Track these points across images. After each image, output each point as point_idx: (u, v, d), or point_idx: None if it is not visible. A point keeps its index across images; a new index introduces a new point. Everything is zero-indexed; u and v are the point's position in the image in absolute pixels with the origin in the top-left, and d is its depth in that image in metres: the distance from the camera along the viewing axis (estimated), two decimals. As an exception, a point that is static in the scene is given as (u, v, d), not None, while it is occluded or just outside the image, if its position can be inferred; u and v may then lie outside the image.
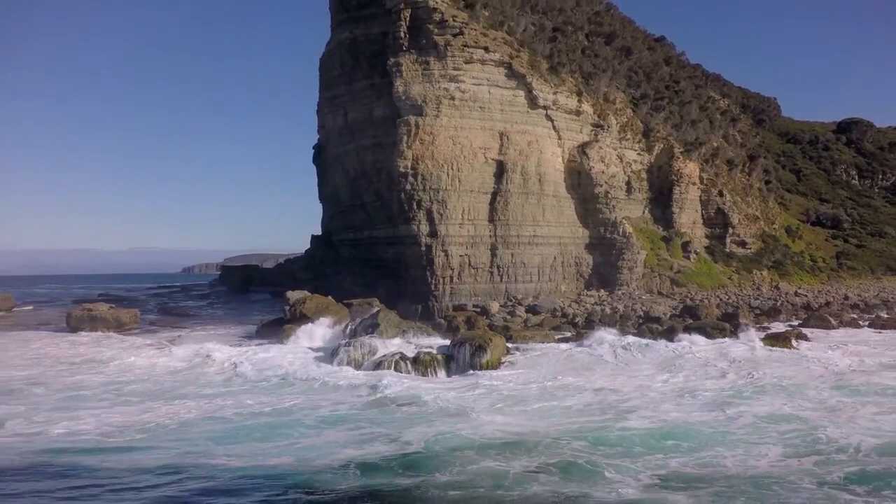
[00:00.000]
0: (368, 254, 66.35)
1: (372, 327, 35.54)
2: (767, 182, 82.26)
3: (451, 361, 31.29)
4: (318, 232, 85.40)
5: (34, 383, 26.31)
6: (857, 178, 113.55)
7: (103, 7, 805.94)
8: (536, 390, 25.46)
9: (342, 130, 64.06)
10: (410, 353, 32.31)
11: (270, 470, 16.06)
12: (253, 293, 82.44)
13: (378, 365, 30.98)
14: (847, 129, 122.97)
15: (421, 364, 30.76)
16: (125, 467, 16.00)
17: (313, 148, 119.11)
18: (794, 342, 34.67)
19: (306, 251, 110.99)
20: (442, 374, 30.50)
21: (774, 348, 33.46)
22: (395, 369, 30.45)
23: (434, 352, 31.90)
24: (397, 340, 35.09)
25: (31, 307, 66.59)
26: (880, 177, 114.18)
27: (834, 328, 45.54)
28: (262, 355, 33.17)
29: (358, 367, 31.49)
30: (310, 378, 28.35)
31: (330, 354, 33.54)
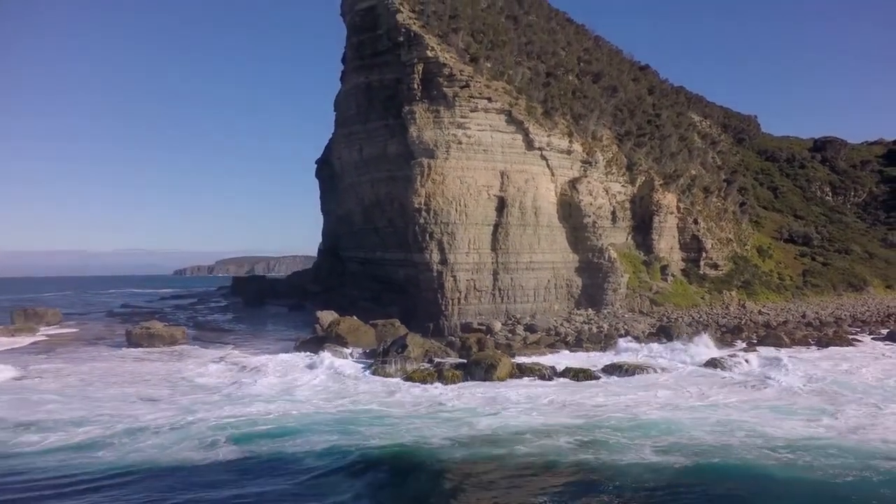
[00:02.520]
0: (378, 271, 75.41)
1: (401, 347, 44.37)
2: (742, 204, 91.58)
3: (468, 377, 40.19)
4: (310, 234, 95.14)
5: (156, 399, 34.60)
6: (830, 194, 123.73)
7: (110, 7, 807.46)
8: (552, 395, 34.48)
9: (357, 163, 72.86)
10: (434, 370, 41.25)
11: (403, 446, 25.16)
12: (268, 305, 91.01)
13: (410, 378, 39.82)
14: (822, 147, 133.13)
15: (445, 378, 39.63)
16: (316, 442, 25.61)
17: (315, 163, 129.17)
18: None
19: (314, 264, 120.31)
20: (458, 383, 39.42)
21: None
22: (424, 381, 39.29)
23: (456, 369, 40.78)
24: (423, 359, 44.07)
25: (73, 321, 74.41)
26: (852, 193, 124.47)
27: (786, 346, 54.69)
28: (320, 370, 41.80)
29: (390, 379, 40.28)
30: (363, 389, 37.05)
31: (369, 369, 42.42)
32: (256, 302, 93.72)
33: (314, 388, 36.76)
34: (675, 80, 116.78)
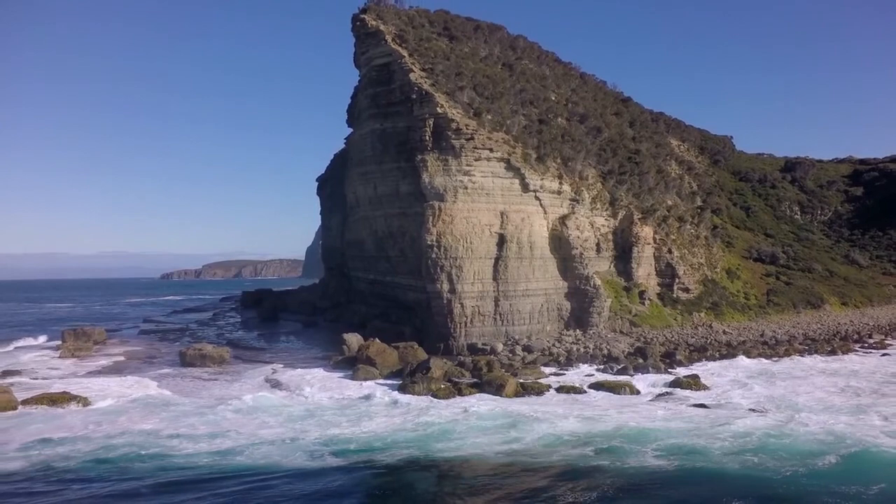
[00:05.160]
0: (387, 292, 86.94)
1: (426, 369, 55.70)
2: (714, 228, 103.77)
3: (482, 394, 51.57)
4: (296, 237, 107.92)
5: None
6: (799, 213, 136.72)
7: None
8: (553, 408, 45.90)
9: (371, 199, 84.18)
10: (454, 388, 52.59)
11: (471, 457, 35.93)
12: (283, 321, 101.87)
13: (435, 394, 51.04)
14: (792, 167, 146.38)
15: (465, 395, 50.98)
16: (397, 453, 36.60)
17: (317, 180, 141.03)
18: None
19: (321, 280, 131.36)
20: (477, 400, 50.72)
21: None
22: (449, 398, 50.55)
23: (471, 387, 52.21)
24: (443, 379, 55.44)
25: (115, 339, 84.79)
26: (819, 212, 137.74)
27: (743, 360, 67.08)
28: (368, 391, 52.68)
29: (421, 396, 51.47)
30: (406, 405, 47.95)
31: (399, 388, 53.62)
32: (271, 317, 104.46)
33: (374, 408, 47.37)
34: (655, 105, 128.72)
